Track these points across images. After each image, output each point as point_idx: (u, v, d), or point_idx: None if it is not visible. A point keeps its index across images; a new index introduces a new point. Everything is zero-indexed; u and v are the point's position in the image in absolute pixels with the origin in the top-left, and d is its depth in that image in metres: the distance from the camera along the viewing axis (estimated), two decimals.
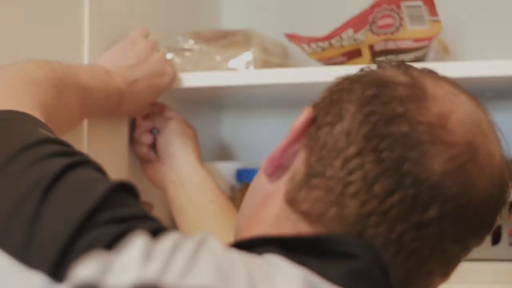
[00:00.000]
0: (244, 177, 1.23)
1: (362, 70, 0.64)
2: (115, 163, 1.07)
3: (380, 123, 0.58)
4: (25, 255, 0.52)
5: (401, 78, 0.61)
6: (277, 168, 0.63)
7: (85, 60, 1.01)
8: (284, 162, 0.62)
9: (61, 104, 0.80)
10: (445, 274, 0.62)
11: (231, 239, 1.02)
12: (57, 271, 0.51)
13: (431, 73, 0.63)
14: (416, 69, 0.63)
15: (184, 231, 1.09)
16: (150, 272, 0.50)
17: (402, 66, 0.63)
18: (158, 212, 1.19)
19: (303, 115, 0.63)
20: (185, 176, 1.10)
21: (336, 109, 0.61)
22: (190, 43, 1.14)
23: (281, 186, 0.62)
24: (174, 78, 1.07)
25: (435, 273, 0.61)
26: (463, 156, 0.58)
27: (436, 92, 0.60)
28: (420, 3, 1.09)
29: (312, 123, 0.62)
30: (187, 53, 1.14)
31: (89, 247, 0.52)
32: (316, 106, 0.63)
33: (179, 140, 1.11)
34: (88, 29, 1.02)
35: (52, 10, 0.97)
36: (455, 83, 0.63)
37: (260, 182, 0.65)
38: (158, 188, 1.13)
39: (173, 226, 1.19)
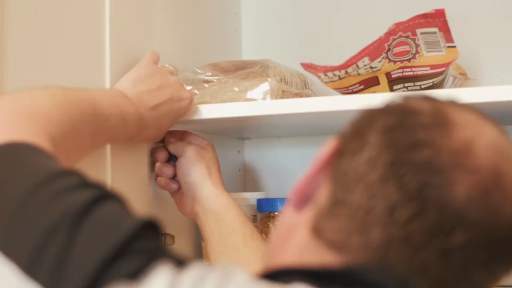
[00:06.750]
0: (265, 207, 1.23)
1: (386, 102, 0.64)
2: (137, 189, 1.07)
3: (402, 150, 0.58)
4: (56, 286, 0.53)
5: (424, 106, 0.61)
6: (302, 199, 0.63)
7: (107, 85, 1.02)
8: (309, 193, 0.62)
9: (71, 135, 0.79)
10: None
11: (255, 269, 1.02)
12: None
13: (454, 101, 0.62)
14: (439, 98, 0.62)
15: (213, 261, 1.09)
16: None
17: (426, 96, 0.63)
18: (183, 242, 1.20)
19: (327, 146, 0.62)
20: (207, 207, 1.10)
21: (359, 137, 0.60)
22: (208, 75, 1.15)
23: (305, 216, 0.62)
24: (191, 101, 1.08)
25: None
26: (488, 182, 0.57)
27: (459, 119, 0.59)
28: (436, 30, 1.09)
29: (336, 154, 0.62)
30: (206, 85, 1.15)
31: (116, 278, 0.52)
32: (340, 136, 0.63)
33: (196, 168, 1.11)
34: (109, 56, 1.03)
35: (74, 35, 0.98)
36: (478, 111, 0.62)
37: (286, 214, 0.65)
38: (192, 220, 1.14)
39: (199, 256, 1.19)
